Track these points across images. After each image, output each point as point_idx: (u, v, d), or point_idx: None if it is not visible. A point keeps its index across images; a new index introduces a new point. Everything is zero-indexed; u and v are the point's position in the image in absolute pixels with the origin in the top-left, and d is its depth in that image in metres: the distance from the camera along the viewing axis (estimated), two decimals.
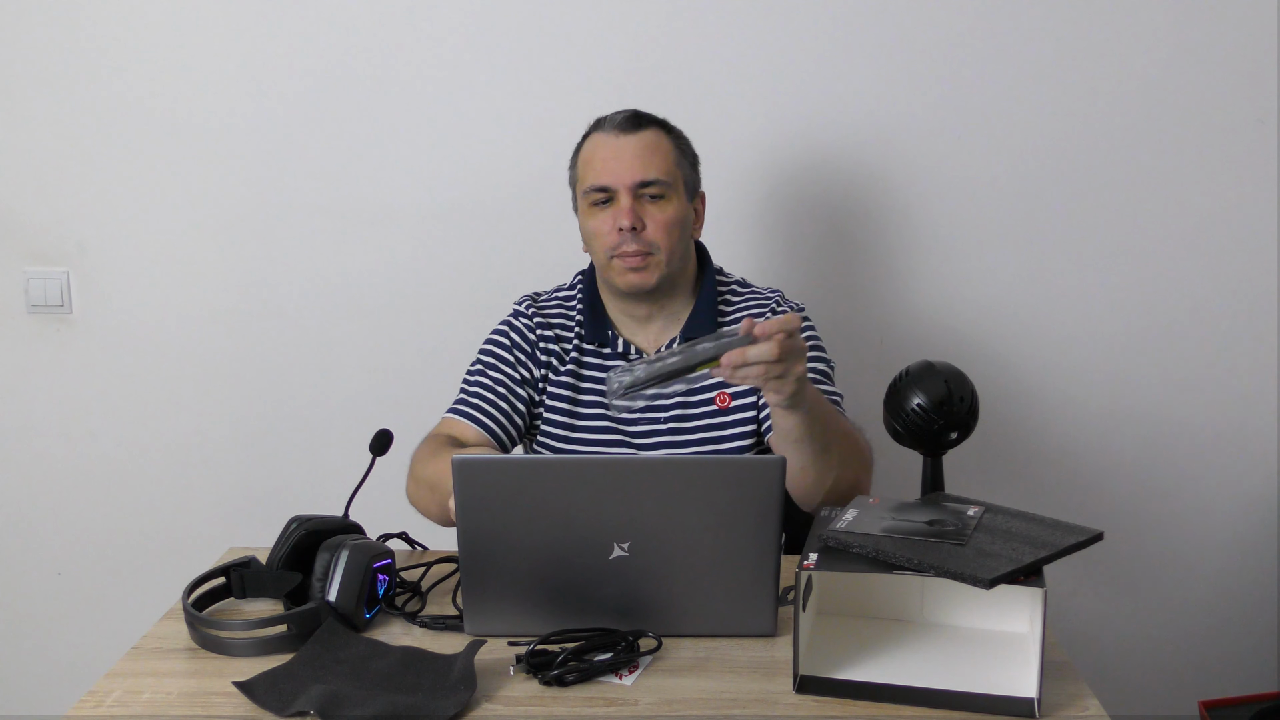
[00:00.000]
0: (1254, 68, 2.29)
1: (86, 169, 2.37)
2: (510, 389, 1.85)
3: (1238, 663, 2.52)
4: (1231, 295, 2.38)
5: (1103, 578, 2.48)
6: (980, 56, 2.30)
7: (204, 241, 2.39)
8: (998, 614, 1.43)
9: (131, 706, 1.29)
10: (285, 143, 2.35)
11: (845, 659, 1.36)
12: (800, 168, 2.35)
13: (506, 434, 1.84)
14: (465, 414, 1.84)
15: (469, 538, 1.38)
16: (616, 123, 1.80)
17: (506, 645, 1.38)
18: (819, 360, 1.83)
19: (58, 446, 2.48)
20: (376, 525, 1.63)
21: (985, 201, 2.35)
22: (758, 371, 1.41)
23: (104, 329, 2.43)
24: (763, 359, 1.39)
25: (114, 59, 2.33)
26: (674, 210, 1.79)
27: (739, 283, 1.92)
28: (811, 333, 1.88)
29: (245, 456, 2.47)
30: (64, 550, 2.52)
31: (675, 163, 1.81)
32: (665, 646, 1.39)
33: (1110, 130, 2.32)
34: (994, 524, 1.38)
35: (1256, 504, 2.47)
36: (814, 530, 1.38)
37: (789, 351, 1.41)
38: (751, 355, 1.40)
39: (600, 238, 1.79)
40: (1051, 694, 1.30)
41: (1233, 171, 2.33)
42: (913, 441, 1.65)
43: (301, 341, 2.42)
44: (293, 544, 1.50)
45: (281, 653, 1.39)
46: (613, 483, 1.37)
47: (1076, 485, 2.45)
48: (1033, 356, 2.41)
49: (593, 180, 1.79)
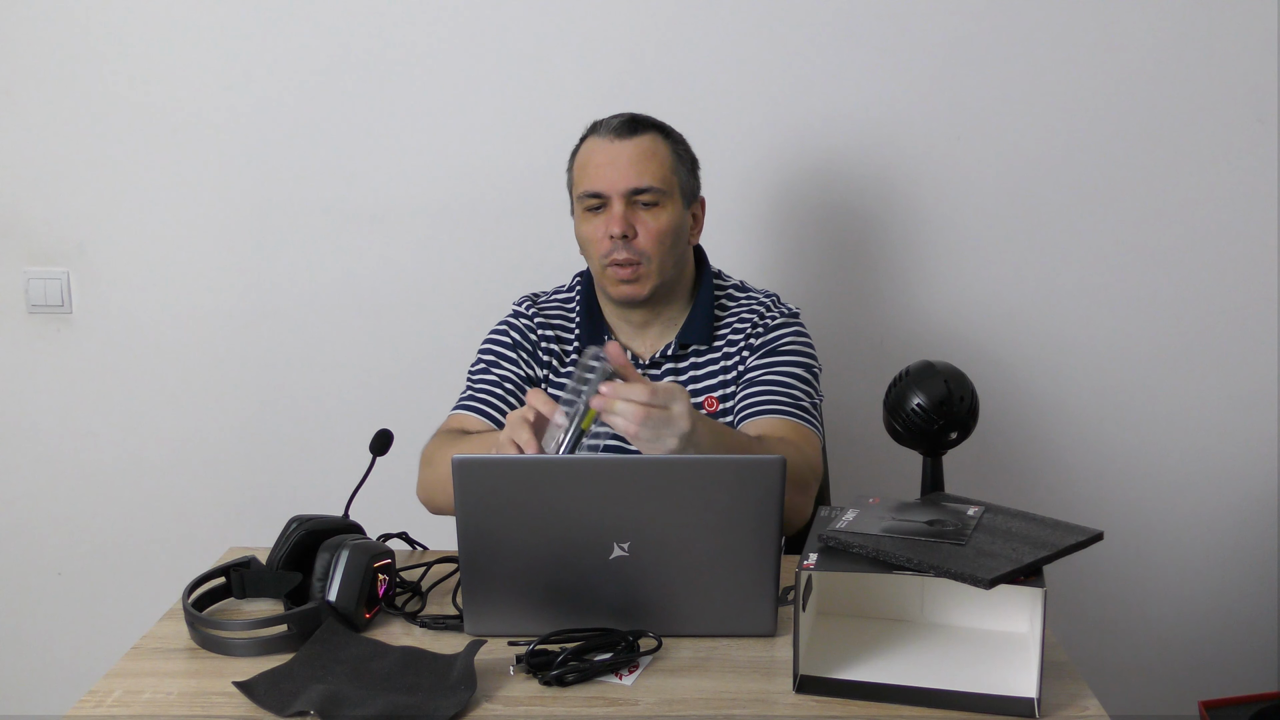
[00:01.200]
0: (1254, 68, 2.29)
1: (86, 169, 2.37)
2: (516, 385, 1.85)
3: (1238, 663, 2.52)
4: (1231, 295, 2.38)
5: (1103, 578, 2.48)
6: (979, 58, 2.30)
7: (204, 241, 2.39)
8: (998, 614, 1.43)
9: (131, 706, 1.29)
10: (285, 143, 2.35)
11: (845, 659, 1.36)
12: (800, 169, 2.35)
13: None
14: (474, 408, 1.83)
15: (469, 538, 1.38)
16: (613, 127, 1.79)
17: (506, 645, 1.37)
18: (802, 364, 1.82)
19: (58, 446, 2.48)
20: (376, 525, 1.63)
21: (985, 202, 2.35)
22: (633, 417, 1.42)
23: (104, 329, 2.43)
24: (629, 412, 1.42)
25: (114, 59, 2.33)
26: (668, 218, 1.77)
27: (736, 286, 1.92)
28: (802, 336, 1.86)
29: (245, 456, 2.47)
30: (64, 550, 2.52)
31: (671, 169, 1.79)
32: (665, 646, 1.39)
33: (1110, 130, 2.32)
34: (994, 524, 1.38)
35: (1256, 504, 2.47)
36: (814, 530, 1.38)
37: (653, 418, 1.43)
38: (619, 408, 1.42)
39: (593, 244, 1.78)
40: (1051, 694, 1.30)
41: (1233, 171, 2.33)
42: (913, 441, 1.64)
43: (302, 341, 2.42)
44: (293, 544, 1.50)
45: (281, 653, 1.38)
46: (613, 483, 1.37)
47: (1076, 485, 2.45)
48: (1033, 356, 2.41)
49: (587, 185, 1.78)
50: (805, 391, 1.80)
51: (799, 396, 1.79)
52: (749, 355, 1.83)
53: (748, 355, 1.83)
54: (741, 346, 1.83)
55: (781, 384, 1.78)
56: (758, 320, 1.85)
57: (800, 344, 1.85)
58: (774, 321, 1.85)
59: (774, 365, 1.81)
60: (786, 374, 1.80)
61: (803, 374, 1.81)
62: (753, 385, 1.80)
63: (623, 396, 1.43)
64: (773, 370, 1.80)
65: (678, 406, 1.45)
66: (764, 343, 1.83)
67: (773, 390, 1.78)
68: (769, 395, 1.78)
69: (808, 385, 1.81)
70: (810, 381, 1.82)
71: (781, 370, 1.80)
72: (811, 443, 1.75)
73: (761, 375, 1.80)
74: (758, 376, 1.80)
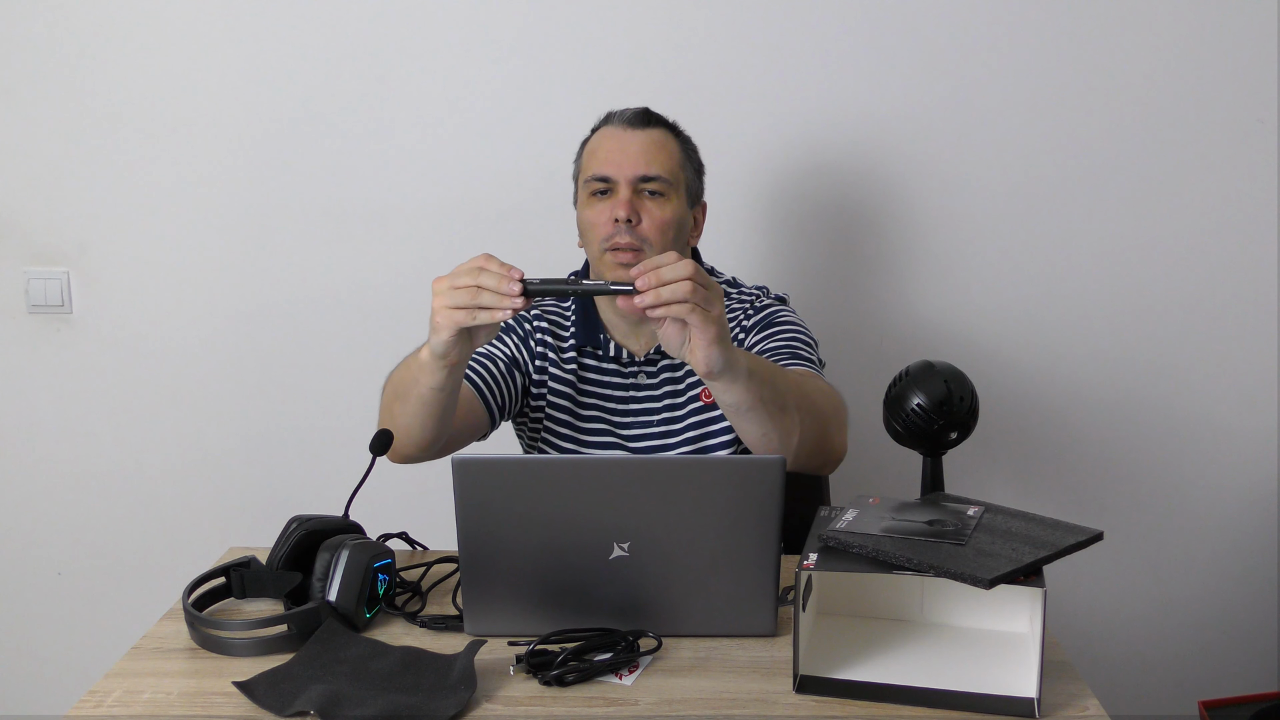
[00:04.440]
0: (1254, 68, 2.29)
1: (86, 169, 2.37)
2: (499, 361, 1.83)
3: (1238, 663, 2.52)
4: (1231, 295, 2.38)
5: (1103, 578, 2.48)
6: (980, 58, 2.30)
7: (204, 241, 2.39)
8: (998, 614, 1.43)
9: (131, 706, 1.29)
10: (285, 143, 2.35)
11: (845, 659, 1.36)
12: (801, 169, 2.35)
13: (495, 398, 1.80)
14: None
15: (469, 538, 1.38)
16: (626, 117, 1.81)
17: (506, 645, 1.37)
18: (799, 331, 1.83)
19: (58, 447, 2.48)
20: (376, 525, 1.63)
21: (985, 202, 2.35)
22: (683, 290, 1.39)
23: (104, 329, 2.43)
24: (679, 276, 1.39)
25: (114, 59, 2.33)
26: (672, 210, 1.78)
27: (728, 282, 1.92)
28: (793, 313, 1.87)
29: (245, 456, 2.47)
30: (64, 550, 2.52)
31: (680, 164, 1.81)
32: (665, 646, 1.39)
33: (1110, 130, 2.32)
34: (994, 524, 1.38)
35: (1256, 504, 2.47)
36: (814, 530, 1.38)
37: (705, 282, 1.41)
38: (667, 274, 1.39)
39: (595, 228, 1.78)
40: (1051, 694, 1.30)
41: (1233, 171, 2.33)
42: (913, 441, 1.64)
43: (301, 341, 2.42)
44: (293, 544, 1.50)
45: (281, 653, 1.38)
46: (613, 483, 1.37)
47: (1076, 485, 2.45)
48: (1032, 357, 2.41)
49: (595, 169, 1.78)
50: (807, 351, 1.81)
51: (801, 353, 1.79)
52: (745, 336, 1.84)
53: (743, 337, 1.84)
54: (735, 332, 1.84)
55: (785, 346, 1.79)
56: (749, 306, 1.87)
57: (793, 318, 1.86)
58: (764, 304, 1.87)
59: (773, 334, 1.82)
60: (785, 338, 1.80)
61: (802, 337, 1.82)
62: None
63: (662, 264, 1.40)
64: (773, 339, 1.81)
65: (714, 285, 1.44)
66: (756, 322, 1.84)
67: (776, 353, 1.78)
68: (773, 357, 1.77)
69: (808, 347, 1.82)
70: (810, 344, 1.83)
71: (780, 337, 1.81)
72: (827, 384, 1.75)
73: (763, 345, 1.81)
74: (760, 348, 1.80)
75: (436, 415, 1.62)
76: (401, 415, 1.64)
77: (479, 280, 1.42)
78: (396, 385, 1.65)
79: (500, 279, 1.42)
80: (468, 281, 1.43)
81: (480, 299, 1.43)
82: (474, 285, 1.43)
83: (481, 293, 1.42)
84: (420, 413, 1.62)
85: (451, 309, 1.44)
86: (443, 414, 1.63)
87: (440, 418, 1.63)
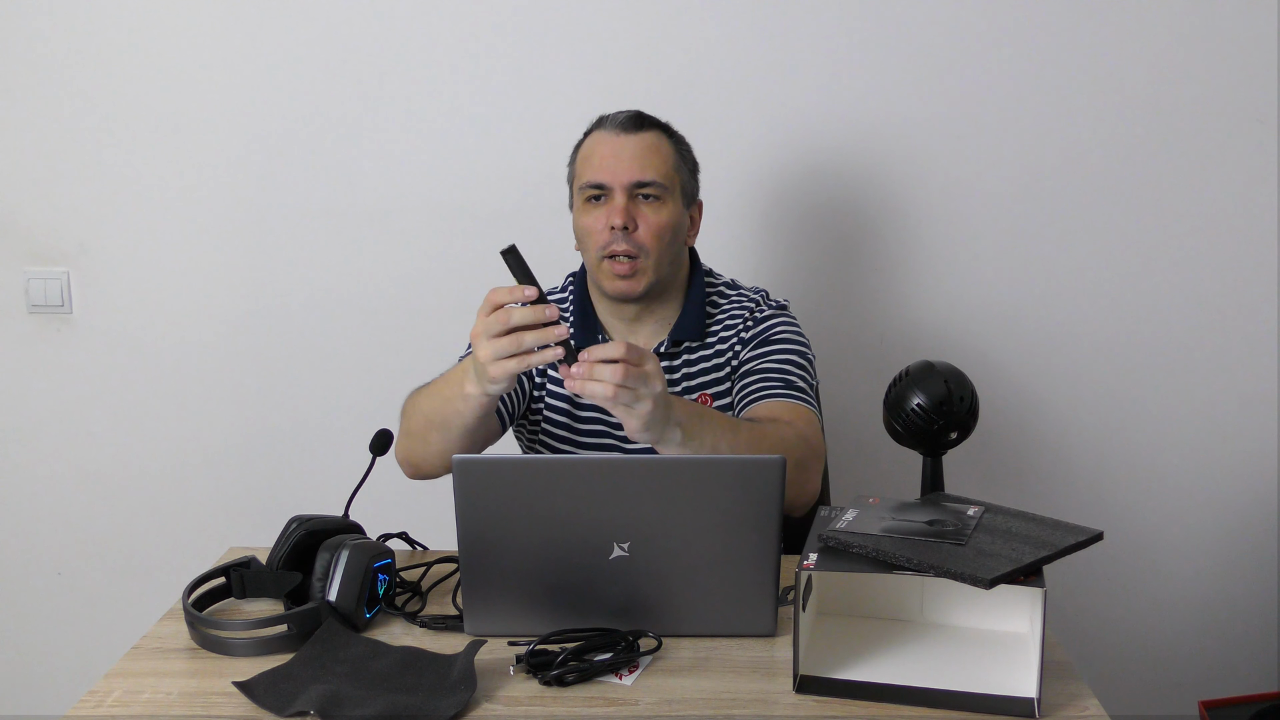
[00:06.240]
0: (1254, 68, 2.29)
1: (86, 169, 2.37)
2: None
3: (1238, 663, 2.52)
4: (1231, 295, 2.38)
5: (1103, 578, 2.48)
6: (980, 59, 2.30)
7: (204, 241, 2.39)
8: (998, 614, 1.43)
9: (131, 706, 1.29)
10: (285, 144, 2.35)
11: (845, 659, 1.36)
12: (800, 169, 2.35)
13: (506, 405, 1.80)
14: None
15: (469, 538, 1.38)
16: (619, 122, 1.80)
17: (506, 645, 1.37)
18: (795, 349, 1.82)
19: (58, 447, 2.48)
20: (376, 525, 1.63)
21: (985, 202, 2.35)
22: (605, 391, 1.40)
23: (104, 329, 2.43)
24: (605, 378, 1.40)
25: (114, 59, 2.33)
26: (668, 214, 1.78)
27: (727, 284, 1.92)
28: (792, 324, 1.87)
29: (245, 457, 2.47)
30: (64, 550, 2.52)
31: (674, 167, 1.80)
32: (665, 646, 1.39)
33: (1110, 130, 2.32)
34: (994, 524, 1.38)
35: (1256, 504, 2.47)
36: (814, 530, 1.38)
37: (632, 375, 1.41)
38: (599, 372, 1.40)
39: (592, 235, 1.78)
40: (1051, 694, 1.30)
41: (1233, 171, 2.33)
42: (913, 441, 1.64)
43: (301, 341, 2.42)
44: (293, 544, 1.50)
45: (281, 653, 1.39)
46: (613, 483, 1.37)
47: (1076, 485, 2.45)
48: (1033, 356, 2.41)
49: (589, 177, 1.78)
50: (800, 375, 1.80)
51: (793, 379, 1.79)
52: (741, 349, 1.84)
53: (740, 349, 1.84)
54: (734, 342, 1.84)
55: (776, 369, 1.79)
56: (748, 315, 1.86)
57: (791, 332, 1.85)
58: (764, 314, 1.87)
59: (767, 354, 1.82)
60: (780, 359, 1.81)
61: (796, 358, 1.82)
62: (749, 375, 1.80)
63: (599, 357, 1.41)
64: (766, 359, 1.81)
65: (650, 365, 1.44)
66: (754, 335, 1.84)
67: (768, 376, 1.78)
68: (764, 381, 1.78)
69: (802, 369, 1.81)
70: (804, 365, 1.82)
71: (774, 357, 1.81)
72: (808, 420, 1.74)
73: (756, 364, 1.81)
74: (753, 366, 1.81)
75: (479, 440, 1.68)
76: (440, 443, 1.65)
77: (511, 323, 1.43)
78: (431, 416, 1.66)
79: (533, 315, 1.42)
80: (501, 329, 1.43)
81: (524, 343, 1.43)
82: (510, 331, 1.43)
83: (523, 337, 1.43)
84: (463, 442, 1.64)
85: (501, 360, 1.44)
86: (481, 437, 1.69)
87: (478, 440, 1.69)
